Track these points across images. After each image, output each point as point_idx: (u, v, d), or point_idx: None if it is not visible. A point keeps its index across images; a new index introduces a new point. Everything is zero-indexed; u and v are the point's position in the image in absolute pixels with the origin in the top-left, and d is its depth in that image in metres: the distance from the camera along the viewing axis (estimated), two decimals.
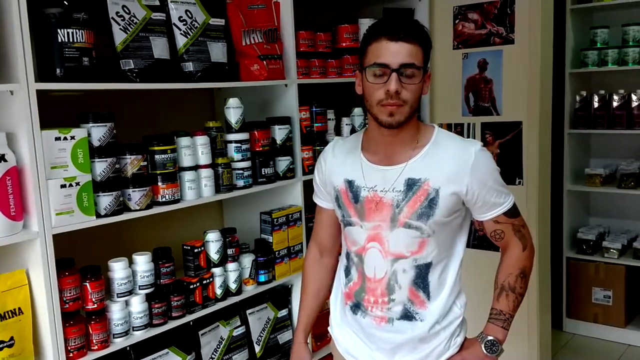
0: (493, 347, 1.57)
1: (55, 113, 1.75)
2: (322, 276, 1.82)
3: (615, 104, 3.75)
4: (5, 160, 1.60)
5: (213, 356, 2.25)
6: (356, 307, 1.64)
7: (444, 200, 1.50)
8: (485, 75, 3.08)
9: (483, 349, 1.58)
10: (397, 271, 1.55)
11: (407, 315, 1.57)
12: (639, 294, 3.85)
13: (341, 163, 1.65)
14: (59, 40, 1.68)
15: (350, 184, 1.60)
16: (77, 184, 1.73)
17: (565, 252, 3.97)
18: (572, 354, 3.73)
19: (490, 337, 1.58)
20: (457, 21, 3.11)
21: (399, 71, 1.44)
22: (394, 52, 1.44)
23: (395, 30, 1.45)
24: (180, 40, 2.04)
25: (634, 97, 3.68)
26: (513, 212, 1.59)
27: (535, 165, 3.00)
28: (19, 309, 1.68)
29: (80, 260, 1.84)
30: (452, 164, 1.51)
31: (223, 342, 2.29)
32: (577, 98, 3.87)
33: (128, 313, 1.91)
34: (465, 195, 1.51)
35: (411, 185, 1.52)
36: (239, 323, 2.37)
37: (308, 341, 2.01)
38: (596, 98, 3.81)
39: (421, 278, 1.56)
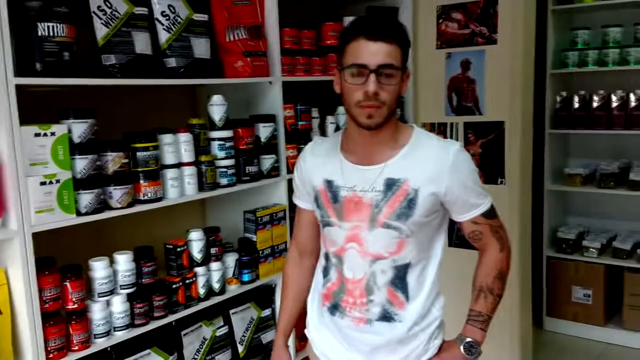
0: (472, 349, 1.56)
1: (33, 109, 1.70)
2: (301, 278, 1.80)
3: (595, 104, 3.79)
4: None
5: (196, 356, 2.22)
6: (334, 309, 1.62)
7: (423, 201, 1.49)
8: (468, 75, 3.08)
9: (462, 350, 1.57)
10: (376, 272, 1.54)
11: (386, 317, 1.56)
12: (618, 293, 3.88)
13: (320, 163, 1.63)
14: (39, 34, 1.64)
15: (329, 184, 1.59)
16: (58, 181, 1.69)
17: (545, 251, 4.01)
18: (552, 352, 3.76)
19: (468, 339, 1.57)
20: (440, 21, 3.12)
21: (377, 72, 1.42)
22: (372, 52, 1.42)
23: (374, 29, 1.43)
24: (163, 36, 2.01)
25: (613, 98, 3.72)
26: (491, 213, 1.59)
27: (517, 165, 3.01)
28: None
29: (60, 259, 1.80)
30: (432, 164, 1.50)
31: (206, 342, 2.26)
32: (558, 98, 3.91)
33: (109, 313, 1.87)
34: (445, 195, 1.50)
35: (390, 185, 1.50)
36: (222, 323, 2.34)
37: (290, 343, 2.00)
38: (576, 98, 3.84)
39: (400, 279, 1.54)
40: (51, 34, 1.65)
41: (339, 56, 1.50)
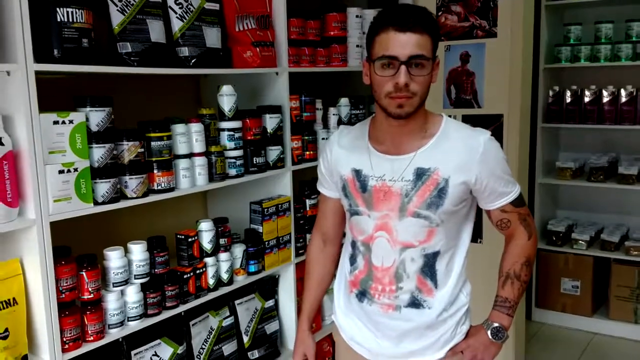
0: (499, 334, 1.60)
1: (46, 97, 1.68)
2: (325, 265, 1.82)
3: (586, 99, 3.85)
4: (2, 144, 1.53)
5: (203, 346, 2.21)
6: (362, 295, 1.64)
7: (453, 190, 1.50)
8: (467, 68, 3.10)
9: (489, 335, 1.60)
10: (406, 260, 1.56)
11: (415, 303, 1.58)
12: (605, 284, 3.97)
13: (348, 152, 1.63)
14: (58, 19, 1.61)
15: (357, 173, 1.59)
16: (75, 169, 1.67)
17: None
18: (541, 342, 3.83)
19: (495, 324, 1.60)
20: (440, 13, 3.13)
21: (407, 63, 1.41)
22: (402, 43, 1.41)
23: (404, 20, 1.42)
24: (176, 24, 1.99)
25: (604, 93, 3.79)
26: (519, 201, 1.61)
27: (515, 158, 3.04)
28: (13, 299, 1.62)
29: (75, 249, 1.77)
30: (462, 153, 1.51)
31: (213, 333, 2.26)
32: (550, 93, 3.96)
33: (123, 303, 1.86)
34: (474, 184, 1.52)
35: (420, 174, 1.51)
36: (228, 313, 2.34)
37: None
38: (568, 93, 3.90)
39: (429, 267, 1.56)
40: (70, 19, 1.63)
41: (368, 48, 1.50)
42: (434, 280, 1.57)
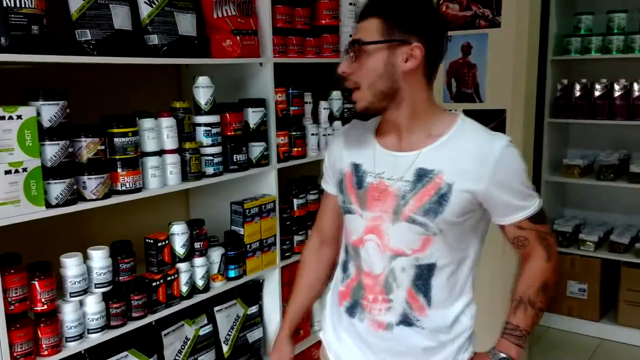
0: None
1: None
2: (318, 268, 1.66)
3: (597, 93, 3.66)
4: None
5: (177, 358, 2.07)
6: (353, 309, 1.48)
7: (456, 198, 1.32)
8: (469, 59, 2.93)
9: None
10: (395, 269, 1.39)
11: (407, 321, 1.41)
12: (614, 288, 3.79)
13: (352, 146, 1.50)
14: (4, 4, 1.46)
15: (356, 167, 1.45)
16: (25, 169, 1.52)
17: None
18: (545, 348, 3.66)
19: (502, 355, 1.41)
20: (441, 2, 2.95)
21: (347, 51, 1.33)
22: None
23: (362, 9, 1.35)
24: (145, 10, 1.83)
25: (616, 87, 3.60)
26: (539, 218, 1.39)
27: None
28: None
29: (27, 256, 1.63)
30: (472, 158, 1.32)
31: (188, 343, 2.11)
32: (558, 86, 3.77)
33: (82, 314, 1.71)
34: (483, 195, 1.33)
35: (421, 176, 1.35)
36: (205, 322, 2.19)
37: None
38: (578, 87, 3.71)
39: (422, 280, 1.39)
40: (18, 4, 1.47)
41: None
42: (427, 297, 1.39)
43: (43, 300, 1.62)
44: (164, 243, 1.93)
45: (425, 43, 1.31)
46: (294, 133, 2.40)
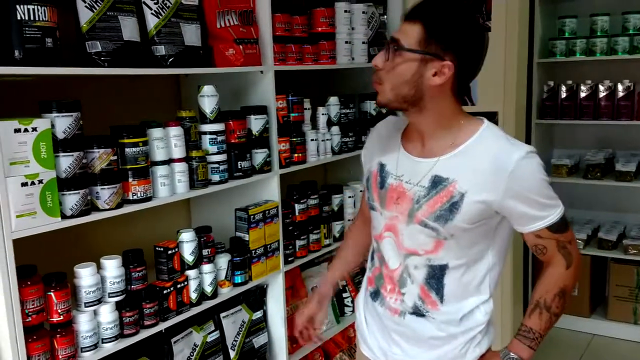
0: None
1: (8, 103, 1.53)
2: (363, 236, 1.76)
3: (582, 94, 3.74)
4: None
5: None
6: (375, 295, 1.57)
7: (468, 207, 1.34)
8: None
9: None
10: (409, 266, 1.46)
11: (419, 312, 1.47)
12: (603, 284, 3.87)
13: (382, 145, 1.56)
14: (18, 17, 1.46)
15: (381, 167, 1.52)
16: (40, 181, 1.52)
17: None
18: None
19: (513, 355, 1.45)
20: None
21: (387, 46, 1.36)
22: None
23: (410, 10, 1.37)
24: (151, 21, 1.85)
25: (601, 88, 3.68)
26: (559, 227, 1.39)
27: None
28: None
29: (41, 266, 1.63)
30: (487, 168, 1.33)
31: (197, 349, 2.12)
32: (545, 88, 3.84)
33: (97, 324, 1.72)
34: (498, 205, 1.34)
35: (436, 183, 1.38)
36: (212, 328, 2.20)
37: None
38: (564, 88, 3.79)
39: (435, 279, 1.44)
40: (32, 17, 1.48)
41: None
42: (439, 294, 1.44)
43: (59, 311, 1.62)
44: (174, 251, 1.94)
45: (458, 61, 1.32)
46: (295, 139, 2.42)
